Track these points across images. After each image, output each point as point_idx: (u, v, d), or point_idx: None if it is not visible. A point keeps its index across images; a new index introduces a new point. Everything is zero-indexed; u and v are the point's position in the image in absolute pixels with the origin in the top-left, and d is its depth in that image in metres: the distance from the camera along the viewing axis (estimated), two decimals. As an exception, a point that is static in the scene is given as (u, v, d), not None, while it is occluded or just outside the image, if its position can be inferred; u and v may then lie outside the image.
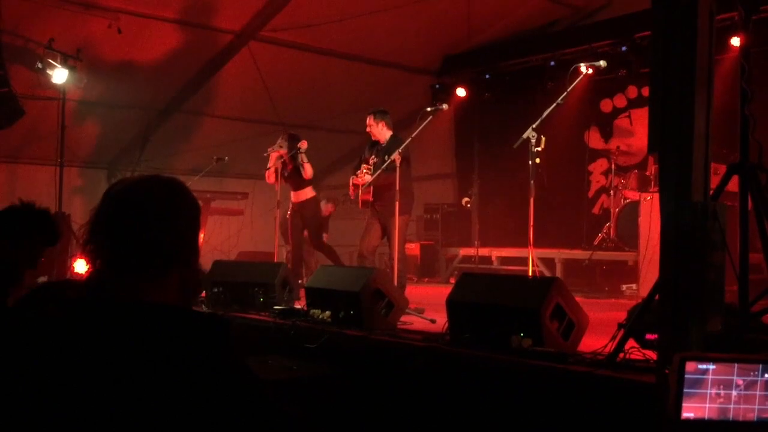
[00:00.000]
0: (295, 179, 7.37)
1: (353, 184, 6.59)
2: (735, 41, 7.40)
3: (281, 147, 7.27)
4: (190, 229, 1.44)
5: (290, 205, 7.47)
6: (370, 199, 6.47)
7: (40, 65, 7.81)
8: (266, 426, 1.33)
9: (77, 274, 7.93)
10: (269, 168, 7.29)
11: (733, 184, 3.43)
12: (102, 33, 8.04)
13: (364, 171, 6.43)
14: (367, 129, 6.64)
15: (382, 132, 6.56)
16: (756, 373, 2.22)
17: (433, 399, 3.87)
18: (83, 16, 7.92)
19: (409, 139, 6.29)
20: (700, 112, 3.07)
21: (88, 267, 1.37)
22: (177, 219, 1.40)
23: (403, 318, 5.10)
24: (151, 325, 1.29)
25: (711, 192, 3.16)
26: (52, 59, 7.82)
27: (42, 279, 7.11)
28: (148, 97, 9.56)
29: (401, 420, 3.95)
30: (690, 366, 2.19)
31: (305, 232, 7.59)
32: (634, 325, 3.43)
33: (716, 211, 3.05)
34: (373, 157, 6.60)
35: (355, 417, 4.03)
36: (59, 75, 7.83)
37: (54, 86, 7.93)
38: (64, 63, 7.85)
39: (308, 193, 7.46)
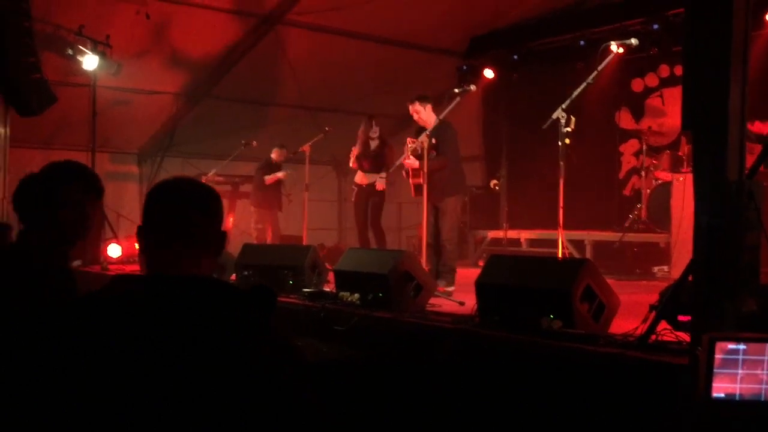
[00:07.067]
0: (376, 161, 7.54)
1: (408, 169, 6.44)
2: (771, 17, 7.23)
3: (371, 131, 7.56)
4: (221, 224, 1.75)
5: (357, 188, 7.64)
6: (421, 182, 6.37)
7: (70, 52, 7.91)
8: (301, 391, 1.52)
9: (110, 257, 8.07)
10: (356, 156, 7.57)
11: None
12: (131, 19, 8.10)
13: (410, 153, 6.29)
14: (414, 116, 6.44)
15: (430, 116, 6.39)
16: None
17: (463, 381, 3.88)
18: (112, 3, 7.98)
19: (437, 120, 6.25)
20: (736, 89, 3.00)
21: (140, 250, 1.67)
22: (214, 218, 1.72)
23: (432, 300, 5.10)
24: (205, 293, 1.53)
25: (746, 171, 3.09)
26: (82, 46, 7.91)
27: (76, 263, 7.25)
28: (177, 82, 9.63)
29: (430, 402, 3.96)
30: (721, 346, 2.17)
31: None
32: (667, 306, 3.39)
33: (752, 190, 2.99)
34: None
35: (384, 399, 4.05)
36: (90, 61, 7.92)
37: (85, 73, 8.03)
38: (94, 49, 7.93)
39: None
